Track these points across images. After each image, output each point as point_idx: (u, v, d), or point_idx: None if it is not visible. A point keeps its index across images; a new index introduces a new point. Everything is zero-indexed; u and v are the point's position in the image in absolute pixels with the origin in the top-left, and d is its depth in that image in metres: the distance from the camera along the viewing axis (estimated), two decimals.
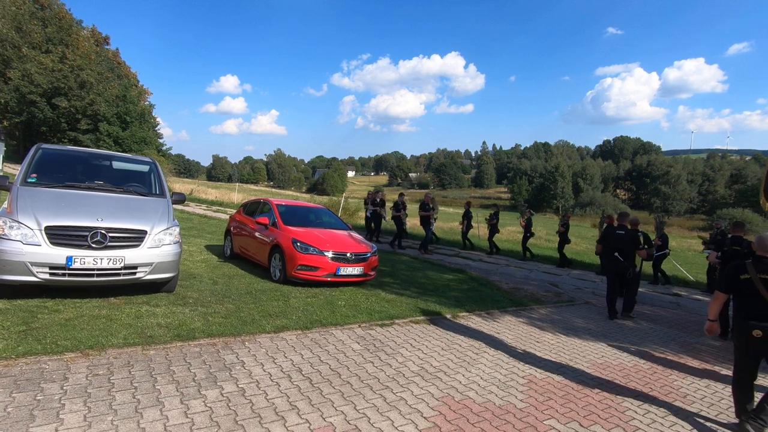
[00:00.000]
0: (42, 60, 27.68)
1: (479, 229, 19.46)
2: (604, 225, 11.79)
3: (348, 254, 6.78)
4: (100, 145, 27.76)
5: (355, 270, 6.82)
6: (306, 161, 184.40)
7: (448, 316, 5.95)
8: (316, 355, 4.11)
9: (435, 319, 5.77)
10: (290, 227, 7.19)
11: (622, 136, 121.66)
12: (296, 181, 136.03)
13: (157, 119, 44.91)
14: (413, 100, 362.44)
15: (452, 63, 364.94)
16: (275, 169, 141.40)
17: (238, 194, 26.44)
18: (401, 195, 13.71)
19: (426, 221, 12.39)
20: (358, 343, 4.55)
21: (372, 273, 7.18)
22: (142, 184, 5.99)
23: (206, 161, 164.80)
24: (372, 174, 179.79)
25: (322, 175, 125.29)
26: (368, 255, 7.05)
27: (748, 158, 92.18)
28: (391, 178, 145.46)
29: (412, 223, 16.55)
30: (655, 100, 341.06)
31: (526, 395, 3.75)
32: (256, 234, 7.67)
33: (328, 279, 6.62)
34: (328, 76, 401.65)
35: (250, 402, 3.12)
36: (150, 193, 5.79)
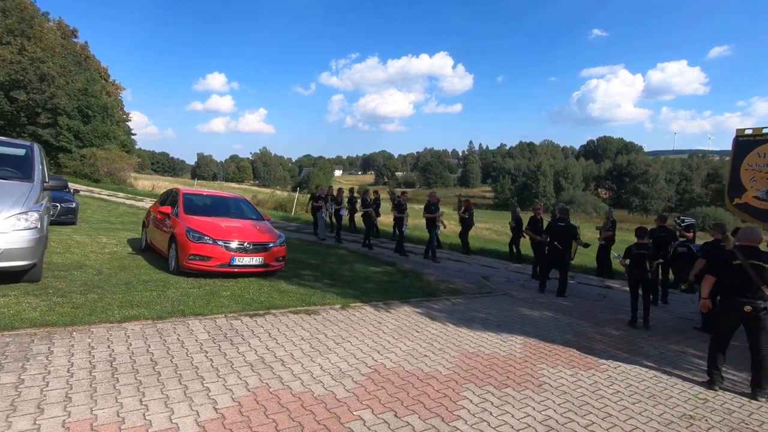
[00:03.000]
0: None
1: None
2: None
3: (245, 244, 6.49)
4: (60, 140, 27.03)
5: (253, 260, 6.53)
6: (294, 160, 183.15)
7: (337, 307, 5.71)
8: (147, 345, 3.82)
9: (320, 309, 5.52)
10: (190, 216, 6.88)
11: (605, 137, 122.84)
12: (281, 179, 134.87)
13: (130, 115, 44.12)
14: (402, 99, 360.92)
15: (441, 63, 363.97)
16: (261, 167, 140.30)
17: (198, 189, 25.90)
18: (404, 194, 11.88)
19: (431, 224, 10.74)
20: (208, 333, 4.27)
21: (276, 264, 6.89)
22: (13, 168, 5.63)
23: (192, 160, 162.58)
24: (359, 173, 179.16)
25: (307, 174, 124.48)
26: (270, 245, 6.76)
27: (727, 158, 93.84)
28: (378, 177, 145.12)
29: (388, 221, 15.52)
30: (639, 101, 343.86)
31: (358, 385, 3.51)
32: (161, 224, 7.34)
33: (222, 269, 6.33)
34: (317, 75, 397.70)
35: (17, 395, 2.82)
36: (15, 176, 5.43)
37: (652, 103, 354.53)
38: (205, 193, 8.69)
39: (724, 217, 49.41)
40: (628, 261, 6.42)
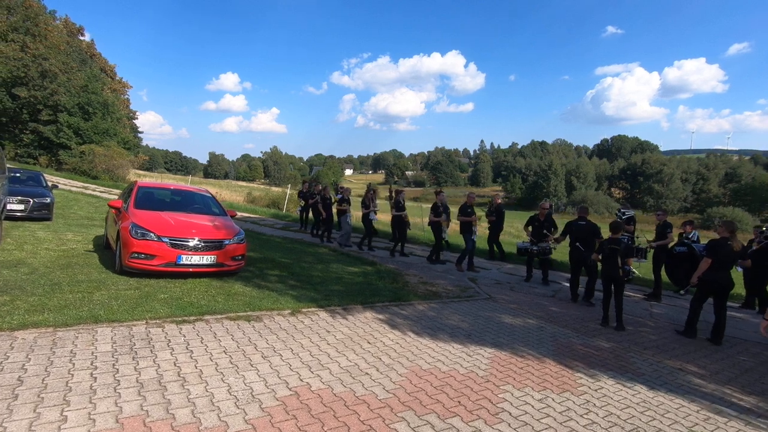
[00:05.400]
0: (2, 48, 26.88)
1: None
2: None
3: (195, 241, 5.90)
4: (61, 137, 26.96)
5: (203, 259, 5.94)
6: (305, 159, 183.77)
7: (286, 312, 5.07)
8: (27, 359, 3.24)
9: (265, 315, 4.89)
10: (140, 210, 6.33)
11: (620, 136, 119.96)
12: (292, 178, 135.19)
13: (137, 113, 44.22)
14: (413, 98, 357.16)
15: (452, 62, 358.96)
16: (271, 166, 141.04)
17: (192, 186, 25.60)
18: (441, 193, 10.27)
19: (467, 228, 9.72)
20: (113, 344, 3.68)
21: (233, 263, 6.29)
22: None
23: (205, 159, 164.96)
24: (370, 172, 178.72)
25: (317, 173, 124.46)
26: (225, 242, 6.16)
27: (747, 158, 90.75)
28: (388, 176, 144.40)
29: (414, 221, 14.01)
30: (655, 99, 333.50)
31: (263, 413, 2.87)
32: (114, 220, 6.81)
33: (167, 269, 5.74)
34: (328, 75, 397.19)
35: None
36: None
37: (669, 101, 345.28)
38: (170, 187, 8.15)
39: (742, 218, 47.69)
40: (600, 256, 6.16)
